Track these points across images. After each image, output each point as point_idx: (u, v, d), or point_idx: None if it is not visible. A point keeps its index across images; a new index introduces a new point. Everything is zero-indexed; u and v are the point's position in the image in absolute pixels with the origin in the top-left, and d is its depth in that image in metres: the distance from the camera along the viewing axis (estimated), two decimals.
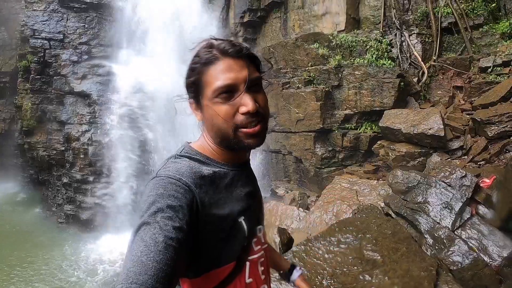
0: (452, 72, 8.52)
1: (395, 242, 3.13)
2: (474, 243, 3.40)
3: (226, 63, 1.01)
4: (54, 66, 11.68)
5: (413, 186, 4.04)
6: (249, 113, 1.00)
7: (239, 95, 1.00)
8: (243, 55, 1.04)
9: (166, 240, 0.83)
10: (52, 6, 12.11)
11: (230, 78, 1.00)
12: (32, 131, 11.88)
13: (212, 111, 1.02)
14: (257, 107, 1.01)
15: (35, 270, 8.44)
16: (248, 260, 1.11)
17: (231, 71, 1.01)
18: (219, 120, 1.02)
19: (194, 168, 1.02)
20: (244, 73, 1.02)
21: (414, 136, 6.92)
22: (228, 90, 1.00)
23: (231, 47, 1.02)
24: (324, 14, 10.45)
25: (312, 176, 8.93)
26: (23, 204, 12.98)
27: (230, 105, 1.01)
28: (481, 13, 8.66)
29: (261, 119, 1.04)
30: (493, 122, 6.18)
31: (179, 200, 0.91)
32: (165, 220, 0.86)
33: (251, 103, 1.00)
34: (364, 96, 8.45)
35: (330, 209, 6.25)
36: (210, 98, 1.02)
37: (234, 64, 1.02)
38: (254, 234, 1.15)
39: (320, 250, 3.21)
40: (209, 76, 1.02)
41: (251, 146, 1.05)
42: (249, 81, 1.01)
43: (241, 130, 1.02)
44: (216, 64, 1.01)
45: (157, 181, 0.96)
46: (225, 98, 1.00)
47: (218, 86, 1.00)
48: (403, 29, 9.46)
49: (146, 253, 0.80)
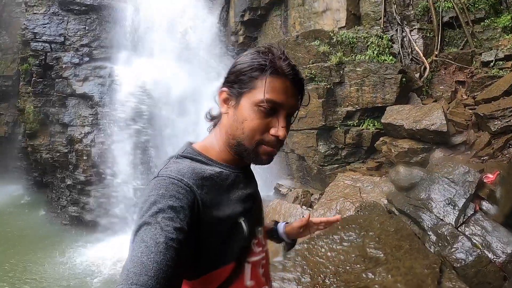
0: (454, 67, 8.46)
1: (398, 239, 3.11)
2: (478, 239, 3.38)
3: (286, 83, 1.04)
4: (56, 69, 11.70)
5: (416, 183, 4.02)
6: (278, 138, 1.04)
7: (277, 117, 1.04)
8: (299, 85, 1.08)
9: (167, 241, 0.83)
10: (52, 9, 12.15)
11: (282, 99, 1.03)
12: (35, 134, 11.92)
13: (249, 115, 1.03)
14: (286, 136, 1.06)
15: (38, 272, 8.48)
16: (248, 261, 1.11)
17: (285, 93, 1.04)
18: (249, 127, 1.03)
19: (195, 169, 1.02)
20: (293, 100, 1.07)
21: (416, 132, 6.88)
22: (273, 107, 1.03)
23: (293, 72, 1.05)
24: (324, 11, 10.41)
25: (315, 174, 8.91)
26: (28, 206, 13.04)
27: (266, 121, 1.04)
28: (482, 7, 8.59)
29: (280, 145, 1.09)
30: (496, 117, 6.13)
31: (180, 201, 0.91)
32: (166, 221, 0.86)
33: (284, 132, 1.04)
34: (366, 93, 8.41)
35: (333, 207, 6.23)
36: (254, 103, 1.03)
37: (290, 88, 1.05)
38: (254, 235, 1.15)
39: (322, 248, 3.21)
40: (266, 84, 1.02)
41: (262, 162, 1.09)
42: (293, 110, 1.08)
43: (263, 146, 1.05)
44: (277, 78, 1.03)
45: (158, 181, 0.96)
46: (265, 113, 1.03)
47: (269, 99, 1.01)
48: (404, 24, 9.40)
49: (146, 254, 0.79)
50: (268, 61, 1.03)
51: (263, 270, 1.18)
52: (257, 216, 1.21)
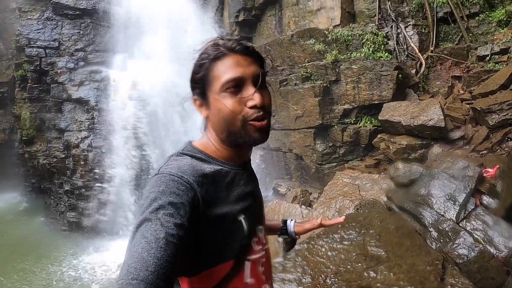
0: (450, 62, 8.45)
1: (399, 236, 3.08)
2: (480, 234, 3.35)
3: (234, 58, 1.04)
4: (51, 74, 11.63)
5: (415, 179, 3.99)
6: (256, 107, 1.03)
7: (246, 90, 1.04)
8: (249, 52, 1.08)
9: (167, 237, 0.83)
10: (46, 14, 12.08)
11: (238, 72, 1.03)
12: (32, 140, 11.84)
13: (220, 104, 1.03)
14: (264, 102, 1.04)
15: (36, 279, 8.43)
16: (248, 259, 1.11)
17: (239, 66, 1.04)
18: (227, 113, 1.03)
19: (196, 166, 1.02)
20: (252, 68, 1.05)
21: (414, 128, 6.87)
22: (236, 84, 1.03)
23: (238, 45, 1.06)
24: (319, 9, 10.39)
25: (313, 173, 8.88)
26: (26, 213, 12.95)
27: (237, 98, 1.03)
28: (477, 1, 8.59)
29: (266, 115, 1.07)
30: (493, 111, 6.12)
31: (181, 198, 0.92)
32: (166, 217, 0.86)
33: (259, 97, 1.03)
34: (362, 90, 8.40)
35: (332, 205, 6.20)
36: (218, 92, 1.04)
37: (242, 59, 1.05)
38: (254, 233, 1.15)
39: (323, 248, 3.17)
40: (217, 71, 1.04)
41: (258, 140, 1.07)
42: (256, 76, 1.05)
43: (250, 123, 1.04)
44: (225, 59, 1.04)
45: (158, 178, 0.96)
46: (233, 92, 1.03)
47: (226, 80, 1.02)
48: (399, 21, 9.39)
49: (147, 249, 0.80)
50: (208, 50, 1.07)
51: (263, 269, 1.18)
52: (257, 214, 1.20)
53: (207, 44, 1.10)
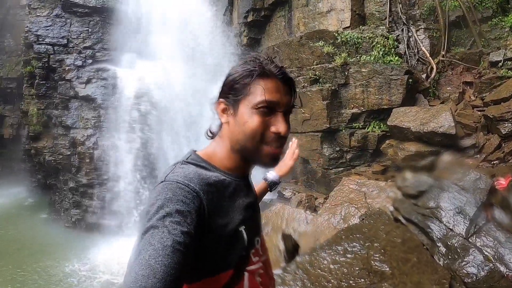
0: (461, 67, 8.26)
1: (404, 251, 2.95)
2: (490, 251, 3.19)
3: (277, 83, 1.08)
4: (59, 71, 11.69)
5: (425, 190, 3.85)
6: (279, 134, 1.07)
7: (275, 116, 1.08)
8: (289, 81, 1.12)
9: (174, 244, 0.84)
10: (55, 11, 12.14)
11: (276, 97, 1.07)
12: (39, 136, 11.91)
13: (248, 118, 1.06)
14: (287, 132, 1.08)
15: (39, 275, 8.43)
16: (246, 270, 1.12)
17: (278, 92, 1.08)
18: (250, 128, 1.06)
19: (201, 175, 1.03)
20: (287, 97, 1.10)
21: (424, 134, 6.70)
22: (270, 106, 1.06)
23: (282, 73, 1.10)
24: (328, 11, 10.24)
25: (319, 177, 8.74)
26: (31, 208, 13.04)
27: (265, 119, 1.07)
28: (490, 6, 8.39)
29: (283, 144, 1.11)
30: (506, 119, 5.94)
31: (188, 206, 0.92)
32: (173, 225, 0.87)
33: (285, 126, 1.07)
34: (372, 94, 8.24)
35: (338, 212, 6.06)
36: (251, 106, 1.06)
37: (282, 86, 1.09)
38: (252, 245, 1.16)
39: (325, 260, 3.05)
40: (258, 88, 1.07)
41: (266, 165, 1.13)
42: (289, 106, 1.11)
43: (264, 146, 1.07)
44: (268, 80, 1.08)
45: (165, 185, 0.97)
46: (263, 113, 1.06)
47: (264, 100, 1.05)
48: (410, 24, 9.21)
49: (154, 257, 0.81)
50: (256, 66, 1.08)
51: (261, 280, 1.18)
52: (256, 226, 1.21)
53: (251, 58, 1.13)
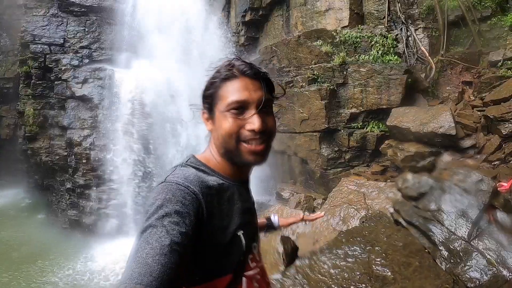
0: (460, 67, 8.21)
1: (406, 255, 2.89)
2: (492, 254, 3.13)
3: (243, 81, 1.09)
4: (55, 71, 11.55)
5: (425, 192, 3.79)
6: (254, 131, 1.06)
7: (249, 113, 1.07)
8: (260, 77, 1.11)
9: (172, 244, 0.84)
10: (51, 10, 12.00)
11: (243, 96, 1.07)
12: (35, 137, 11.77)
13: (221, 122, 1.09)
14: (263, 127, 1.07)
15: (36, 275, 8.35)
16: (244, 275, 1.12)
17: (246, 90, 1.08)
18: (224, 131, 1.08)
19: (201, 178, 1.05)
20: (258, 93, 1.09)
21: (423, 135, 6.65)
22: (240, 106, 1.07)
23: (250, 69, 1.10)
24: (327, 10, 10.18)
25: (318, 178, 8.68)
26: (28, 209, 12.94)
27: (238, 120, 1.07)
28: (489, 5, 8.33)
29: (266, 139, 1.10)
30: (506, 119, 5.89)
31: (187, 207, 0.93)
32: (172, 225, 0.87)
33: (258, 123, 1.06)
34: (370, 94, 8.18)
35: (337, 213, 6.02)
36: (222, 111, 1.09)
37: (251, 84, 1.09)
38: (250, 250, 1.16)
39: (325, 264, 2.99)
40: (225, 91, 1.09)
41: (251, 162, 1.12)
42: (261, 102, 1.09)
43: (243, 144, 1.08)
44: (234, 81, 1.09)
45: (165, 186, 0.98)
46: (236, 114, 1.07)
47: (231, 101, 1.07)
48: (409, 23, 9.15)
49: (151, 255, 0.81)
50: (220, 70, 1.11)
51: (258, 285, 1.19)
52: (253, 231, 1.22)
53: (222, 63, 1.14)
